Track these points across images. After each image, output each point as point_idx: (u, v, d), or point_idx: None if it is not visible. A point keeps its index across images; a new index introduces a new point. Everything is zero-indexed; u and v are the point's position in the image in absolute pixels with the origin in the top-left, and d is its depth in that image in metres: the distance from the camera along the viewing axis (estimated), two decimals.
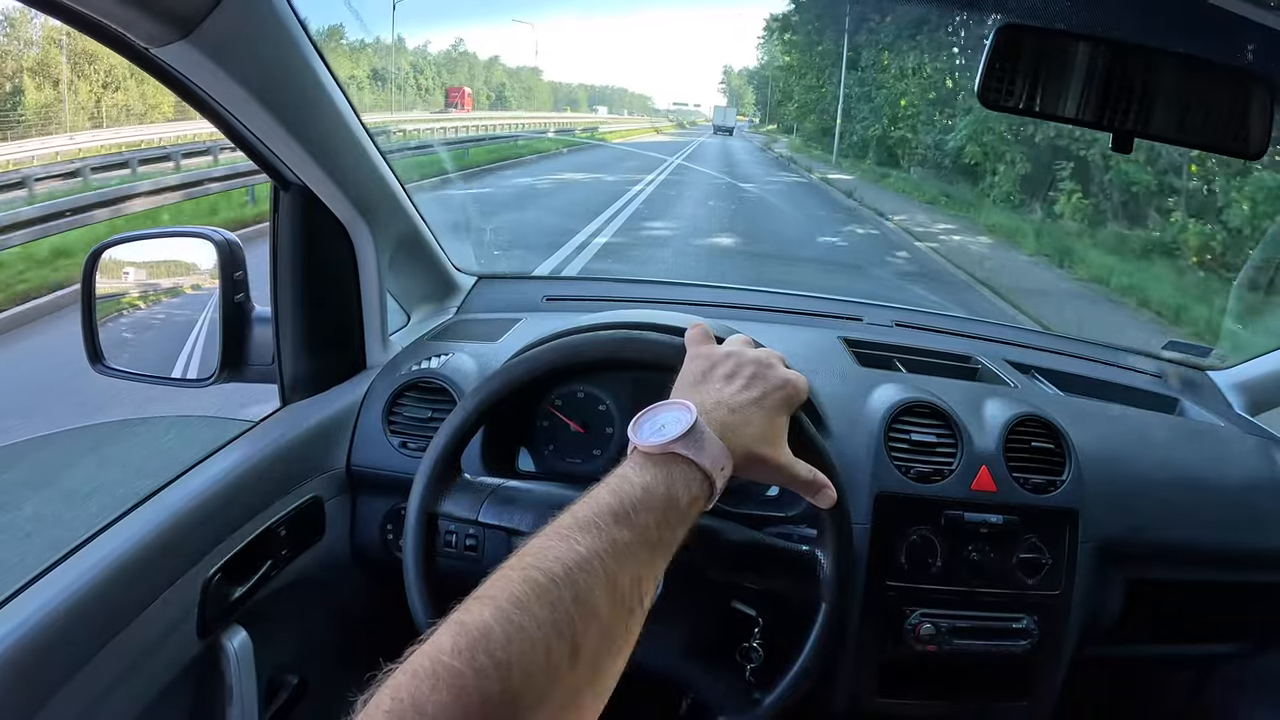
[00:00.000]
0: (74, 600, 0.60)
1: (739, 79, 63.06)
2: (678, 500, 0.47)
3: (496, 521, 0.70)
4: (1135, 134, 0.74)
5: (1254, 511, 0.96)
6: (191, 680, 0.73)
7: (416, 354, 1.00)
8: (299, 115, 0.76)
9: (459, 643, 0.35)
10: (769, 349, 0.61)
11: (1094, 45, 0.72)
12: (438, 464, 0.72)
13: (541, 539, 0.41)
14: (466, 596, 0.38)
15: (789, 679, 0.68)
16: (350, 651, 0.96)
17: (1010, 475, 0.88)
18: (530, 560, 0.40)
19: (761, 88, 40.26)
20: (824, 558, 0.67)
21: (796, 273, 6.78)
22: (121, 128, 15.64)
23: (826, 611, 0.68)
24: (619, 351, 0.73)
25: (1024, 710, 0.92)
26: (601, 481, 0.47)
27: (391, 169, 0.95)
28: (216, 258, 0.86)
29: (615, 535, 0.42)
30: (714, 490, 0.50)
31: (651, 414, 0.51)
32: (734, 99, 59.98)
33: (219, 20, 0.61)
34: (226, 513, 0.75)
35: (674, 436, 0.48)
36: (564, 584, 0.38)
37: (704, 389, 0.56)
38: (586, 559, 0.40)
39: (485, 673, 0.34)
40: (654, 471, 0.47)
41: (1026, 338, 1.29)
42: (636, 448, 0.49)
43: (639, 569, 0.43)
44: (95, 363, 0.89)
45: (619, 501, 0.44)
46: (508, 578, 0.39)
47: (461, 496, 0.71)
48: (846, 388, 0.95)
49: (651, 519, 0.45)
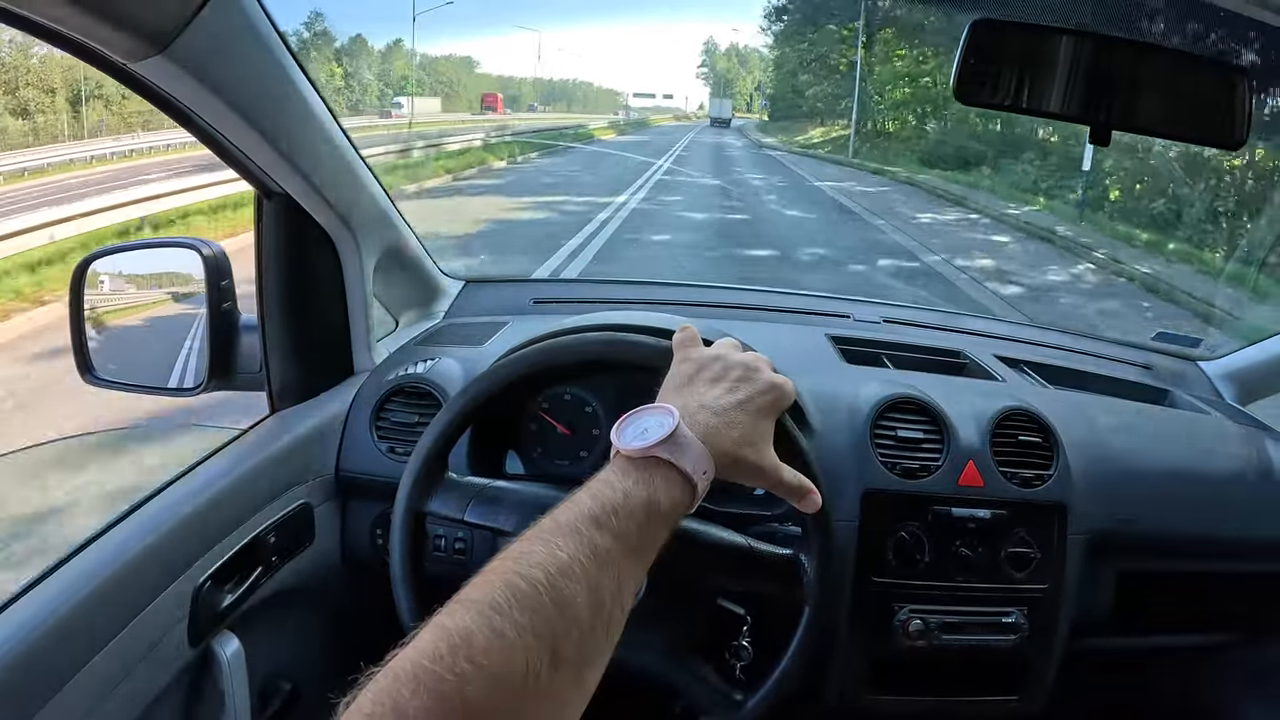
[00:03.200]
0: (64, 610, 0.60)
1: (726, 60, 54.34)
2: (658, 505, 0.47)
3: (482, 521, 0.70)
4: (1118, 127, 0.74)
5: (1245, 501, 0.96)
6: (184, 688, 0.73)
7: (403, 359, 1.00)
8: (279, 125, 0.76)
9: (440, 647, 0.35)
10: (756, 353, 0.62)
11: (1075, 39, 0.72)
12: (425, 463, 0.72)
13: (523, 543, 0.42)
14: (450, 600, 0.38)
15: (771, 682, 0.68)
16: (342, 657, 0.96)
17: (998, 470, 0.88)
18: (512, 565, 0.40)
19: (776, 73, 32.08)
20: (807, 562, 0.68)
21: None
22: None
23: (809, 616, 0.68)
24: (606, 353, 0.73)
25: (1016, 705, 0.92)
26: (583, 485, 0.47)
27: (375, 176, 0.95)
28: (203, 267, 0.87)
29: (596, 540, 0.42)
30: (696, 495, 0.50)
31: (634, 418, 0.52)
32: (721, 86, 52.56)
33: (195, 34, 0.61)
34: (216, 520, 0.75)
35: (656, 440, 0.49)
36: (545, 589, 0.39)
37: (688, 392, 0.56)
38: (567, 564, 0.40)
39: (466, 677, 0.34)
40: (635, 476, 0.48)
41: (1015, 331, 1.29)
42: (619, 452, 0.50)
43: (619, 574, 0.43)
44: (85, 373, 0.89)
45: (600, 506, 0.45)
46: (489, 582, 0.39)
47: (448, 496, 0.71)
48: (832, 385, 0.95)
49: (632, 524, 0.45)
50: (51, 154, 10.62)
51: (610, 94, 56.90)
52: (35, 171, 9.67)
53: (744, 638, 0.73)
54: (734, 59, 53.87)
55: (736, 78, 52.97)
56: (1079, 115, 0.73)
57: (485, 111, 33.28)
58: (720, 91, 50.83)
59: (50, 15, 0.54)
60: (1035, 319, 5.09)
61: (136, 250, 0.93)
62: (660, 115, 46.56)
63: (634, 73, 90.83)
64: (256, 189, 0.84)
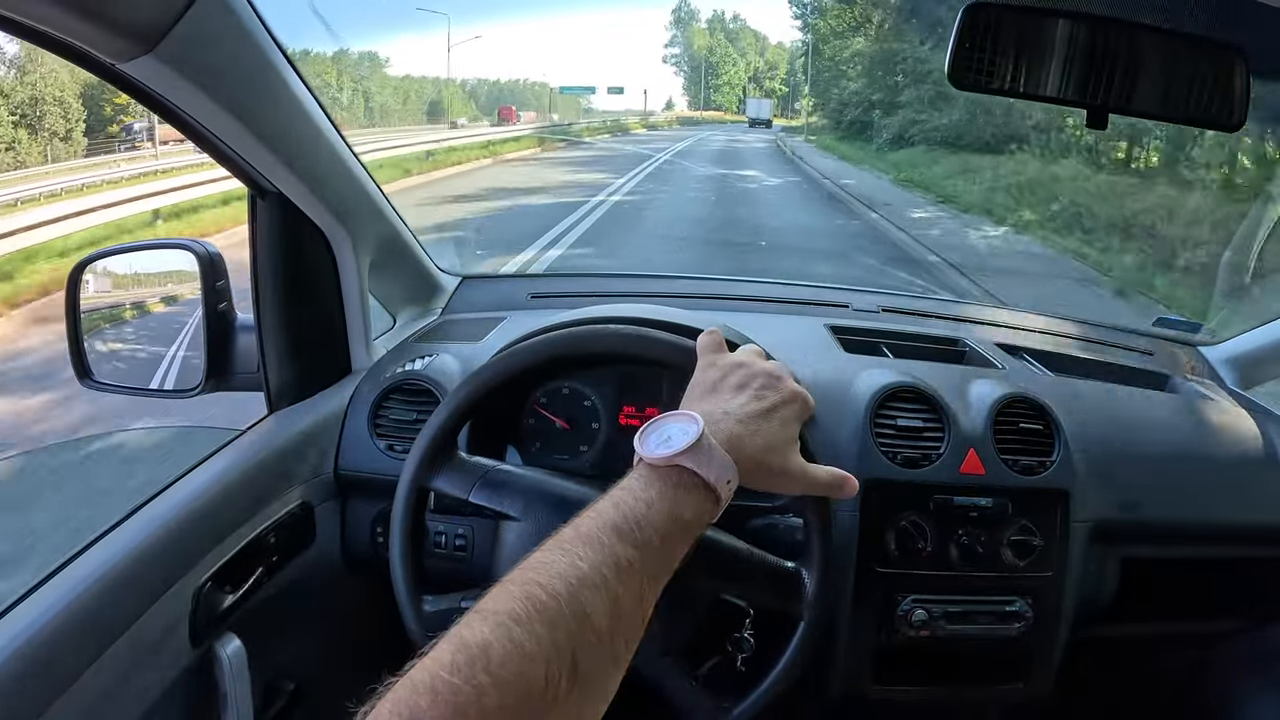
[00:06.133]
0: (65, 613, 0.60)
1: (708, 36, 37.60)
2: (681, 515, 0.47)
3: (487, 503, 0.70)
4: (1116, 110, 0.73)
5: (1249, 486, 0.96)
6: (186, 689, 0.73)
7: (401, 356, 1.00)
8: (271, 124, 0.76)
9: (458, 659, 0.35)
10: (779, 362, 0.61)
11: (1072, 22, 0.71)
12: (436, 436, 0.72)
13: (544, 552, 0.41)
14: (469, 610, 0.38)
15: (760, 691, 0.68)
16: (345, 656, 0.96)
17: (999, 457, 0.88)
18: (532, 575, 0.40)
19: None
20: (808, 577, 0.67)
21: None
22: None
23: (803, 632, 0.68)
24: (631, 346, 0.73)
25: (1021, 693, 0.92)
26: (606, 494, 0.47)
27: (369, 174, 0.95)
28: (198, 268, 0.87)
29: (618, 551, 0.42)
30: (719, 504, 0.50)
31: (658, 425, 0.51)
32: (702, 73, 38.67)
33: (183, 33, 0.61)
34: (216, 521, 0.75)
35: (679, 449, 0.48)
36: (565, 600, 0.39)
37: (713, 400, 0.56)
38: (588, 575, 0.40)
39: (484, 689, 0.34)
40: (658, 485, 0.47)
41: (1015, 319, 1.28)
42: (642, 459, 0.49)
43: (641, 585, 0.43)
44: (83, 377, 0.89)
45: (622, 516, 0.44)
46: (509, 593, 0.39)
47: (454, 475, 0.72)
48: (831, 375, 0.95)
49: (655, 535, 0.45)
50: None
51: (573, 99, 38.26)
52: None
53: (747, 629, 0.72)
54: (719, 34, 38.10)
55: (724, 60, 38.22)
56: (1076, 99, 0.72)
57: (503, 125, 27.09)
58: (700, 81, 39.93)
59: (36, 16, 0.53)
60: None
61: (131, 252, 0.93)
62: (595, 128, 29.24)
63: (566, 56, 67.38)
64: (250, 188, 0.84)
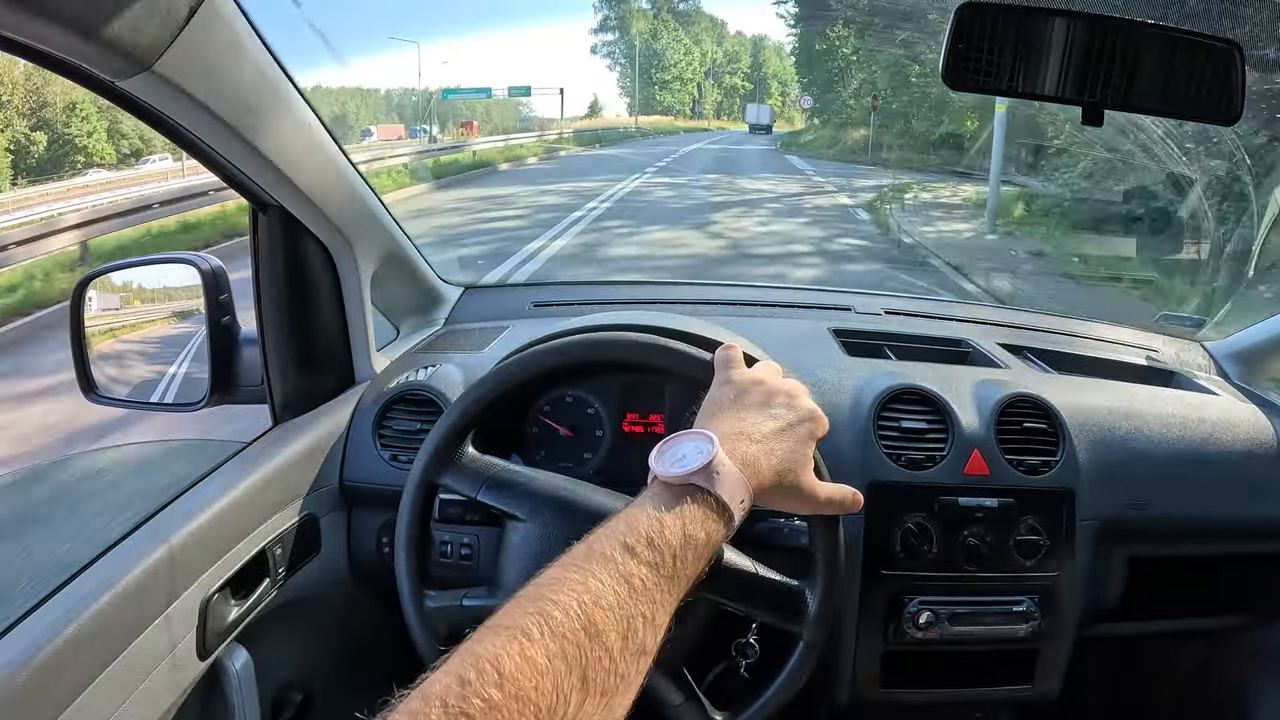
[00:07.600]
0: (72, 626, 0.60)
1: (649, 20, 30.21)
2: (695, 535, 0.47)
3: (494, 503, 0.71)
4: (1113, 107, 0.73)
5: (1256, 481, 0.95)
6: (194, 701, 0.73)
7: (404, 367, 1.00)
8: (270, 138, 0.76)
9: (469, 673, 0.35)
10: (796, 380, 0.61)
11: (1065, 19, 0.71)
12: (448, 434, 0.72)
13: (556, 569, 0.41)
14: (481, 625, 0.38)
15: (754, 708, 0.67)
16: (352, 666, 0.96)
17: (1003, 458, 0.88)
18: (545, 591, 0.40)
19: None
20: (811, 597, 0.67)
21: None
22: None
23: (802, 653, 0.67)
24: (648, 355, 0.73)
25: (1029, 693, 0.91)
26: (619, 512, 0.47)
27: (369, 185, 0.95)
28: (201, 282, 0.87)
29: (630, 569, 0.42)
30: (732, 524, 0.49)
31: (674, 443, 0.51)
32: (642, 67, 31.13)
33: (181, 50, 0.61)
34: (222, 533, 0.76)
35: (694, 468, 0.48)
36: (577, 617, 0.38)
37: (728, 418, 0.56)
38: (600, 592, 0.40)
39: (495, 704, 0.34)
40: (672, 504, 0.47)
41: (1018, 318, 1.28)
42: (657, 477, 0.49)
43: (653, 603, 0.42)
44: (88, 392, 0.90)
45: (635, 534, 0.44)
46: (521, 608, 0.39)
47: (463, 474, 0.72)
48: (835, 378, 0.95)
49: (668, 553, 0.44)
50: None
51: (510, 103, 29.74)
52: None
53: (751, 634, 0.72)
54: (665, 14, 30.67)
55: (670, 49, 30.79)
56: (1073, 97, 0.72)
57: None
58: (641, 80, 32.51)
59: (34, 35, 0.54)
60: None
61: (135, 267, 0.94)
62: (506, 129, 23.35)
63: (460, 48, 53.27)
64: (251, 202, 0.84)
